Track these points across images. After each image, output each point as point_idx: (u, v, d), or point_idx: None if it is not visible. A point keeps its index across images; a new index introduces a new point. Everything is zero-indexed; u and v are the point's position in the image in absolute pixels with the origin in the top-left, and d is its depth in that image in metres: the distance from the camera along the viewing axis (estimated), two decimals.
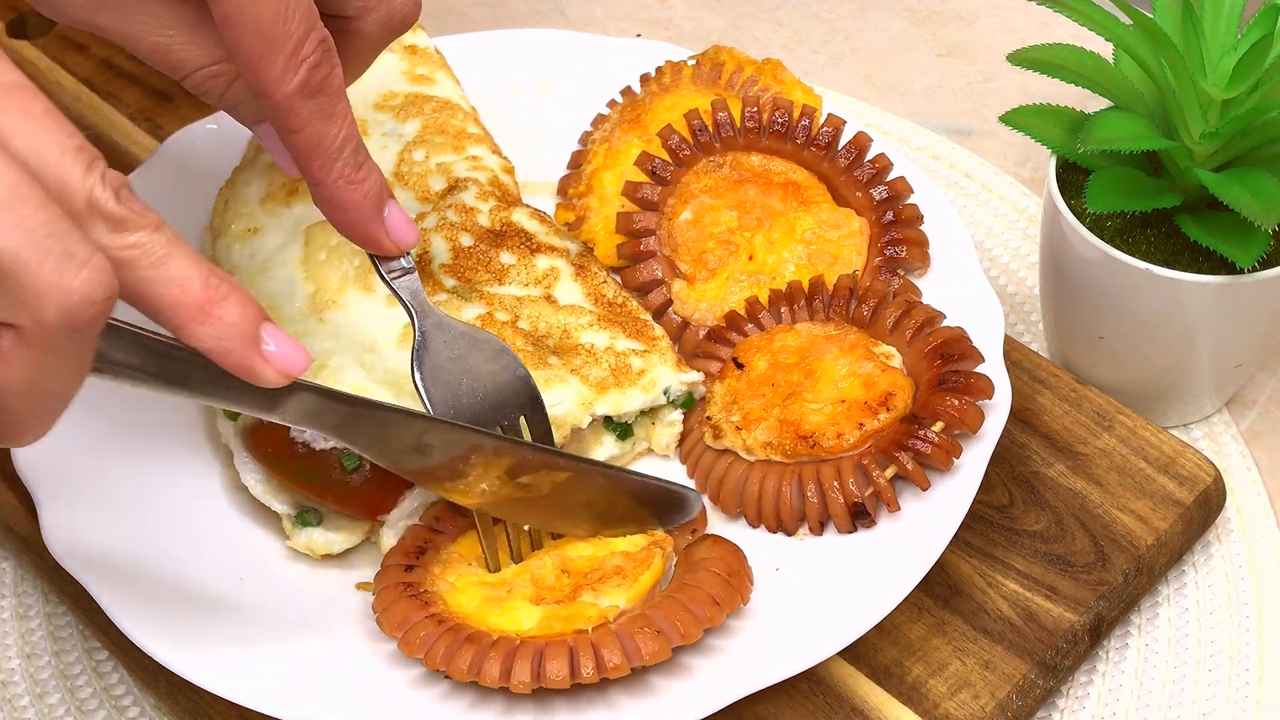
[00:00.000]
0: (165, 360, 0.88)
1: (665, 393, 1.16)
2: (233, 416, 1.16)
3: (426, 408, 1.06)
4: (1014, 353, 1.24)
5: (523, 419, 1.09)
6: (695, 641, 1.00)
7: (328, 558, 1.11)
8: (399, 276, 1.07)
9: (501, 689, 0.99)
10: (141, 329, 0.87)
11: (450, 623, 1.02)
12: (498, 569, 1.08)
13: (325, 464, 1.09)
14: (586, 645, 0.99)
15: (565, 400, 1.13)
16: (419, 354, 1.07)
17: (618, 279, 1.24)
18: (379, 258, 1.07)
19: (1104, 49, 1.20)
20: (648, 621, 1.00)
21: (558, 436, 1.12)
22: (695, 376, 1.17)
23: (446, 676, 1.00)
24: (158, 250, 0.84)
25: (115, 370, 0.87)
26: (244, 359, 0.88)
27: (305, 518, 1.11)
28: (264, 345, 0.89)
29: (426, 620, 1.01)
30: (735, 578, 1.04)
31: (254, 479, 1.12)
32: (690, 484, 1.16)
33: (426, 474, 1.03)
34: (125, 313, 0.84)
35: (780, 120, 1.25)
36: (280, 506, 1.12)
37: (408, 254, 1.07)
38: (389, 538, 1.11)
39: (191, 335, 0.87)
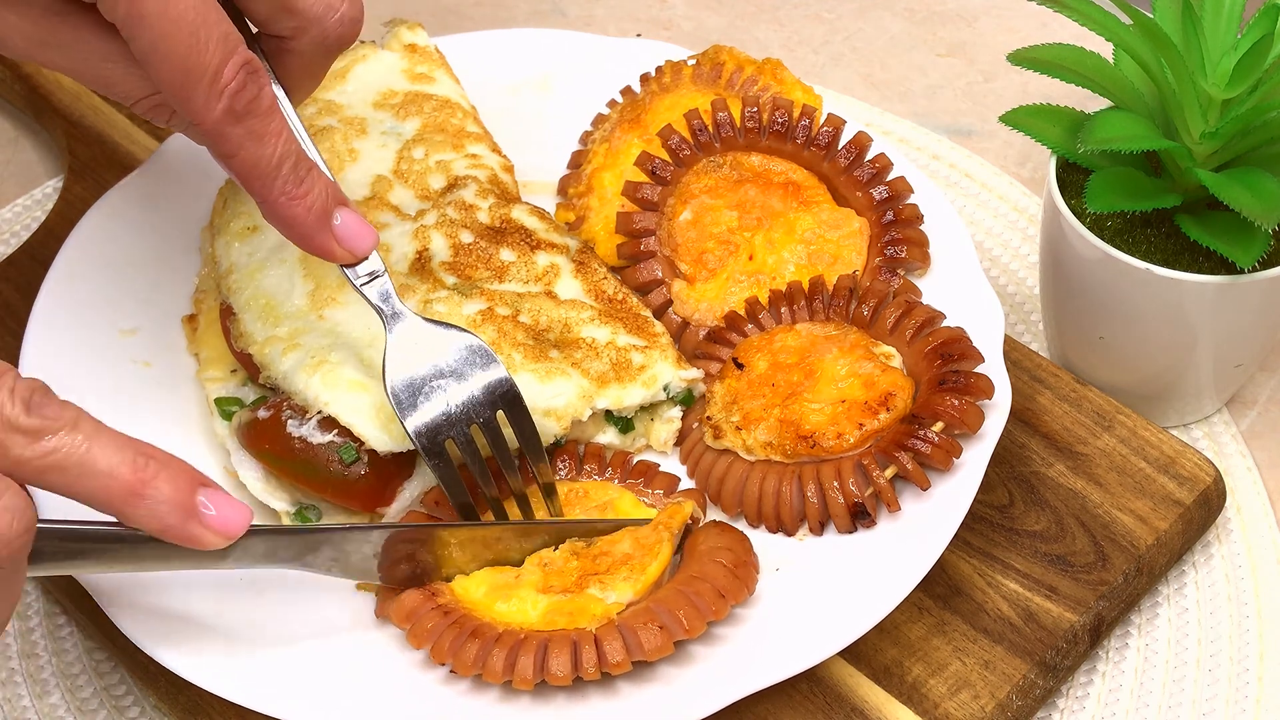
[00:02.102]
0: (112, 543, 0.91)
1: (665, 389, 1.16)
2: (227, 415, 1.16)
3: (395, 412, 1.06)
4: (1014, 353, 1.24)
5: (501, 414, 1.08)
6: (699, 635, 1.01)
7: None
8: (367, 281, 1.07)
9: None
10: (76, 523, 0.90)
11: (456, 614, 1.02)
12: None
13: (323, 458, 1.09)
14: (589, 640, 0.99)
15: (566, 393, 1.13)
16: (389, 358, 1.07)
17: (618, 276, 1.24)
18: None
19: (1104, 49, 1.20)
20: (652, 616, 1.00)
21: (558, 428, 1.12)
22: (695, 373, 1.17)
23: (452, 671, 1.00)
24: (79, 450, 0.86)
25: (64, 563, 0.91)
26: (184, 531, 0.91)
27: (304, 514, 1.11)
28: (203, 511, 0.91)
29: (433, 611, 1.02)
30: (742, 569, 1.04)
31: (252, 476, 1.12)
32: (690, 484, 1.16)
33: (387, 574, 1.04)
34: None
35: (780, 120, 1.25)
36: (278, 504, 1.12)
37: (374, 256, 1.07)
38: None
39: (129, 519, 0.89)
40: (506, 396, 1.08)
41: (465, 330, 1.09)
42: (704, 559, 1.05)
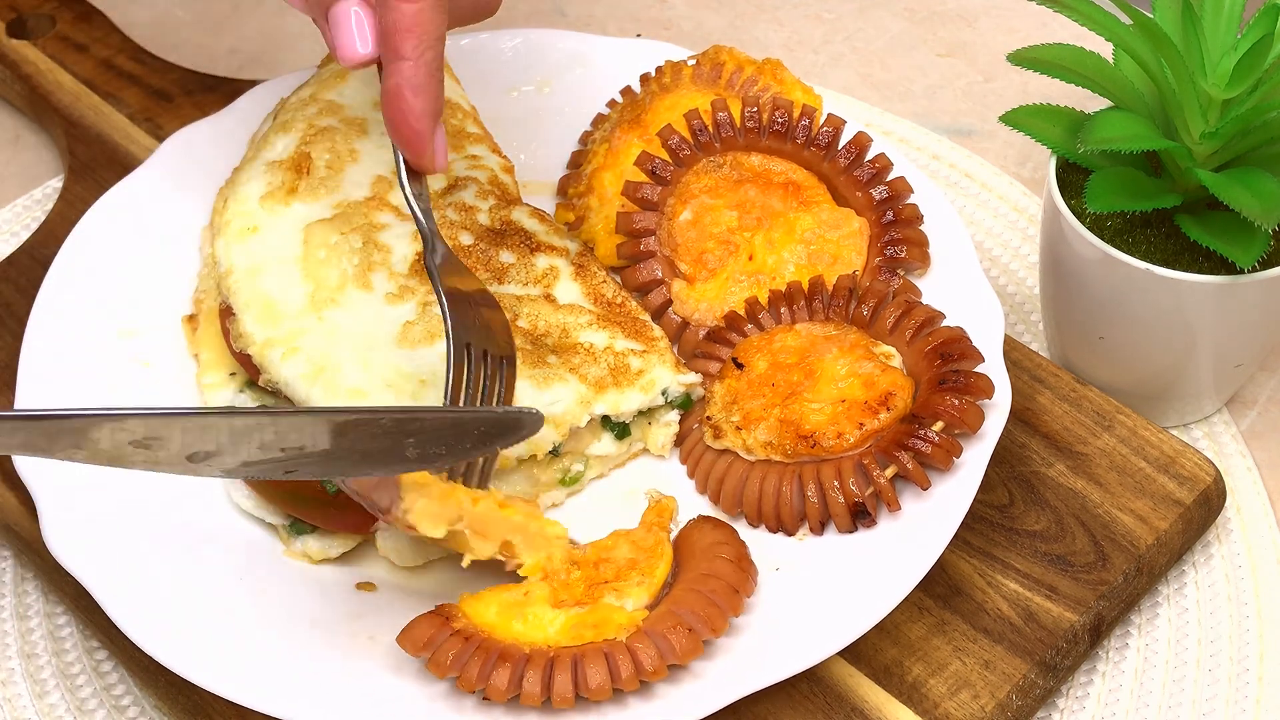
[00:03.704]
0: None
1: (663, 394, 1.16)
2: None
3: (441, 304, 1.05)
4: (1014, 353, 1.24)
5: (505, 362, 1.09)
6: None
7: (326, 559, 1.11)
8: (419, 197, 1.09)
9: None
10: None
11: (477, 639, 1.00)
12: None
13: (310, 486, 1.08)
14: (623, 650, 0.99)
15: (564, 399, 1.13)
16: (439, 265, 1.08)
17: (617, 279, 1.24)
18: (408, 173, 1.09)
19: (1104, 49, 1.20)
20: (678, 619, 1.00)
21: (555, 435, 1.12)
22: (693, 378, 1.17)
23: (485, 698, 0.99)
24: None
25: None
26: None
27: (300, 526, 1.11)
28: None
29: (453, 638, 1.00)
30: (744, 562, 1.05)
31: (241, 494, 1.12)
32: (690, 484, 1.16)
33: (163, 465, 0.89)
34: None
35: (780, 120, 1.25)
36: (274, 518, 1.12)
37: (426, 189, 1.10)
38: (385, 540, 1.11)
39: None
40: (509, 354, 1.09)
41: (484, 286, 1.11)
42: (709, 556, 1.05)
